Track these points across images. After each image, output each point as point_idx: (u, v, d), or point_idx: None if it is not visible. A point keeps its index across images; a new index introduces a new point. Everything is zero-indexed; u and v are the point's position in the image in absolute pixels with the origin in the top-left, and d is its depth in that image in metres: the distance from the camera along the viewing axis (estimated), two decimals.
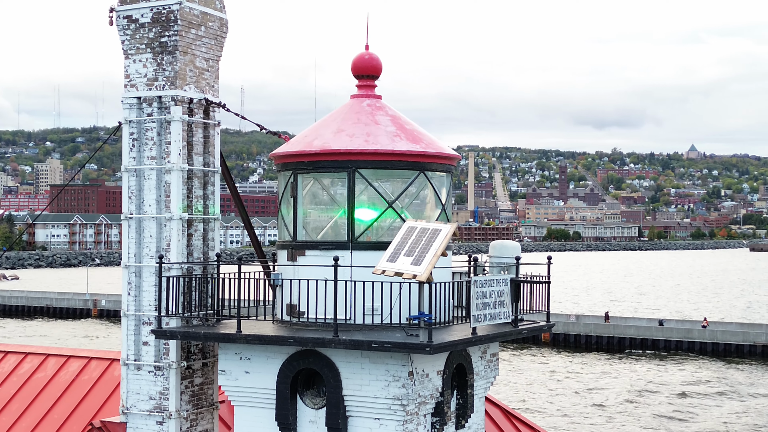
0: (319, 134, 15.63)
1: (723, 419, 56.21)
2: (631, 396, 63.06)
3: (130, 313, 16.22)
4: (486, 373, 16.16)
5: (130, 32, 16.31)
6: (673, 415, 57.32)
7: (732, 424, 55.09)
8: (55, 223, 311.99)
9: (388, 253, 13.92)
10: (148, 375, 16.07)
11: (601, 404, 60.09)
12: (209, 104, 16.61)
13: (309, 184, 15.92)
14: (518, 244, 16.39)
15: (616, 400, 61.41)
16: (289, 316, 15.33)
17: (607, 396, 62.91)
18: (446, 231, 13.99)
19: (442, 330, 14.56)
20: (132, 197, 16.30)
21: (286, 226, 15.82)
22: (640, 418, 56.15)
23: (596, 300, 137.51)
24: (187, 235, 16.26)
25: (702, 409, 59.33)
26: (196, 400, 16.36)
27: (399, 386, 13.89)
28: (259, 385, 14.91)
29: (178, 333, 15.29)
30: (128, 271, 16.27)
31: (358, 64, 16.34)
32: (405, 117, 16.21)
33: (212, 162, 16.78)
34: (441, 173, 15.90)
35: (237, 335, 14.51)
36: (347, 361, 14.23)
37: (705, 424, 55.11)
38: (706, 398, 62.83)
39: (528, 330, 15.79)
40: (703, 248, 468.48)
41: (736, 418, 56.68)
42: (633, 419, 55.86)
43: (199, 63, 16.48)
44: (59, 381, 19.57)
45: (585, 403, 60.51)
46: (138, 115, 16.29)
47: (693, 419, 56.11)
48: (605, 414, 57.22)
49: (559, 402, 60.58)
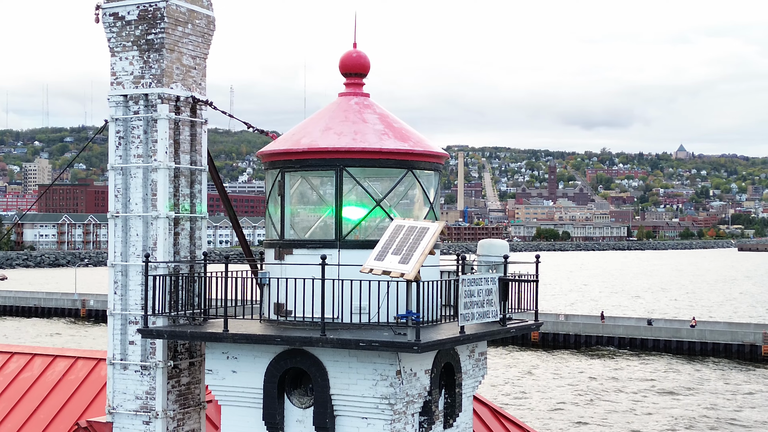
0: (306, 132, 15.56)
1: (710, 417, 56.35)
2: (620, 395, 63.15)
3: (117, 312, 16.12)
4: (474, 372, 16.12)
5: (117, 30, 16.20)
6: (661, 413, 57.43)
7: (719, 422, 55.23)
8: (44, 222, 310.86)
9: (376, 251, 13.85)
10: (135, 374, 15.97)
11: (590, 403, 60.17)
12: (196, 102, 16.51)
13: (296, 183, 15.84)
14: (506, 242, 16.35)
15: (605, 399, 61.49)
16: (277, 315, 15.25)
17: (596, 395, 62.99)
18: (434, 229, 13.94)
19: (430, 329, 14.51)
20: (118, 196, 16.19)
21: (274, 225, 15.74)
22: (629, 417, 56.24)
23: (586, 299, 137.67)
24: (174, 234, 16.16)
25: (691, 408, 59.46)
26: (182, 399, 16.26)
27: (387, 385, 13.84)
28: (247, 385, 14.83)
29: (165, 332, 15.19)
30: (114, 270, 16.16)
31: (345, 62, 16.28)
32: (393, 115, 16.15)
33: (199, 160, 16.68)
34: (429, 172, 15.84)
35: (224, 334, 14.43)
36: (335, 360, 14.16)
37: (693, 422, 55.23)
38: (695, 397, 62.96)
39: (516, 329, 15.74)
40: (691, 248, 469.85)
41: (723, 416, 56.83)
42: (621, 418, 55.94)
43: (186, 61, 16.38)
44: (46, 381, 19.44)
45: (574, 402, 60.58)
46: (124, 113, 16.18)
47: (681, 417, 56.24)
48: (594, 413, 57.28)
49: (548, 401, 60.63)
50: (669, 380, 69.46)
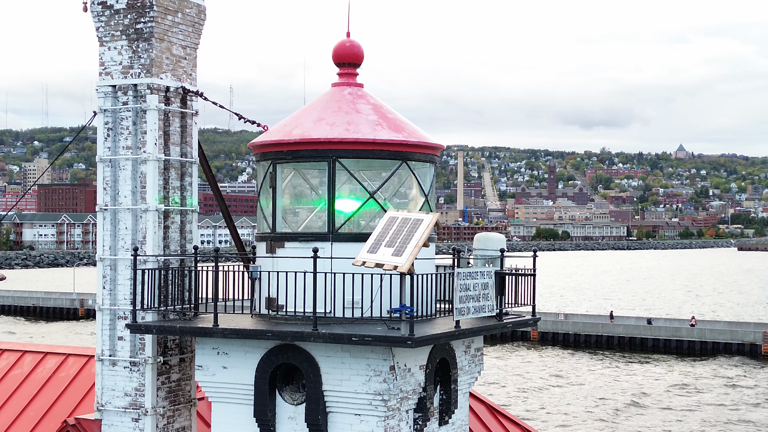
0: (298, 123, 15.23)
1: (710, 417, 56.07)
2: (619, 394, 62.86)
3: (105, 307, 15.77)
4: (470, 368, 15.78)
5: (105, 18, 15.85)
6: (661, 412, 57.15)
7: (719, 421, 54.94)
8: (43, 222, 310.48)
9: (369, 243, 13.51)
10: (124, 371, 15.62)
11: (589, 402, 59.87)
12: (186, 93, 16.17)
13: (288, 175, 15.51)
14: (503, 236, 16.01)
15: (604, 398, 61.20)
16: (268, 310, 14.92)
17: (595, 394, 62.69)
18: (428, 221, 13.60)
19: (425, 323, 14.19)
20: (107, 188, 15.84)
21: (265, 218, 15.40)
22: (628, 416, 55.95)
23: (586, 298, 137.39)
24: (164, 228, 15.81)
25: (689, 407, 59.18)
26: (173, 396, 15.92)
27: (380, 381, 13.51)
28: (237, 381, 14.50)
29: (154, 327, 14.85)
30: (103, 265, 15.81)
31: (338, 52, 15.94)
32: (387, 106, 15.81)
33: (190, 152, 16.34)
34: (424, 163, 15.51)
35: (213, 329, 14.10)
36: (327, 356, 13.83)
37: (693, 421, 54.95)
38: (694, 396, 62.68)
39: (513, 324, 15.43)
40: (691, 248, 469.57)
41: (723, 415, 56.54)
42: (620, 417, 55.65)
43: (176, 50, 16.04)
44: (36, 378, 19.16)
45: (573, 401, 60.28)
46: (113, 103, 15.83)
47: (681, 417, 55.95)
48: (592, 411, 56.99)
49: (547, 400, 60.33)
50: (668, 379, 69.17)
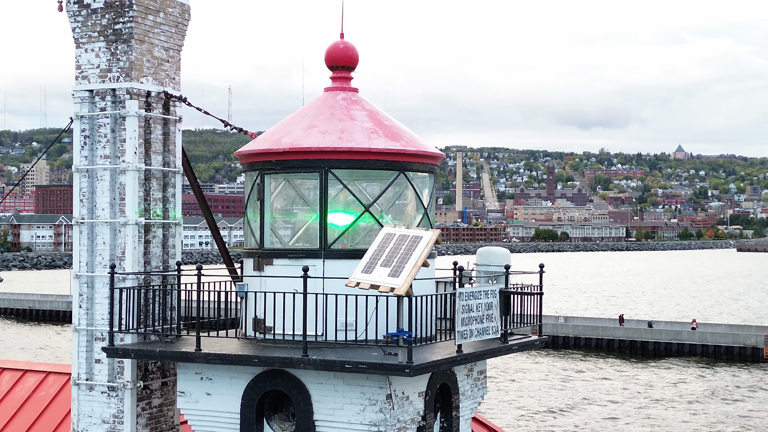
0: (288, 131, 14.19)
1: (712, 421, 55.18)
2: (620, 398, 61.96)
3: (82, 327, 14.72)
4: (473, 392, 14.76)
5: (82, 19, 14.82)
6: (662, 416, 56.28)
7: (721, 426, 54.07)
8: (41, 224, 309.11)
9: (363, 262, 12.45)
10: (101, 396, 14.58)
11: (589, 406, 58.92)
12: (169, 98, 15.13)
13: (277, 186, 14.48)
14: (507, 251, 14.93)
15: (605, 403, 60.26)
16: (255, 332, 13.88)
17: (596, 398, 61.75)
18: (428, 238, 12.54)
19: (424, 348, 13.15)
20: (84, 200, 14.80)
21: (253, 232, 14.36)
22: (628, 421, 55.04)
23: (586, 301, 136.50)
24: (145, 242, 14.78)
25: (691, 411, 58.30)
26: (154, 423, 14.87)
27: (376, 410, 12.48)
28: (222, 409, 13.46)
29: (132, 351, 13.80)
30: (79, 282, 14.77)
31: (332, 54, 14.89)
32: (383, 112, 14.77)
33: (173, 161, 15.30)
34: (423, 174, 14.49)
35: (196, 354, 13.06)
36: (319, 383, 12.80)
37: (694, 426, 54.07)
38: (695, 400, 61.83)
39: (519, 345, 14.40)
40: (690, 248, 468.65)
41: (724, 419, 55.68)
42: (621, 422, 54.73)
43: (158, 53, 15.00)
44: (14, 398, 18.23)
45: (573, 405, 59.35)
46: (90, 109, 14.79)
47: (681, 421, 55.06)
48: (593, 416, 56.06)
49: (546, 405, 59.41)
50: (669, 383, 68.27)
